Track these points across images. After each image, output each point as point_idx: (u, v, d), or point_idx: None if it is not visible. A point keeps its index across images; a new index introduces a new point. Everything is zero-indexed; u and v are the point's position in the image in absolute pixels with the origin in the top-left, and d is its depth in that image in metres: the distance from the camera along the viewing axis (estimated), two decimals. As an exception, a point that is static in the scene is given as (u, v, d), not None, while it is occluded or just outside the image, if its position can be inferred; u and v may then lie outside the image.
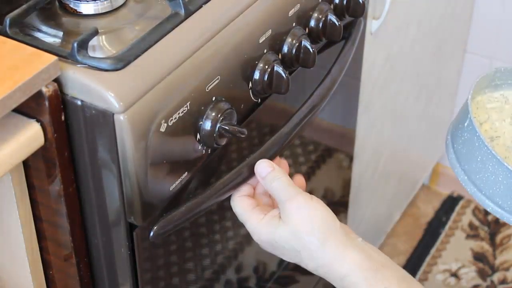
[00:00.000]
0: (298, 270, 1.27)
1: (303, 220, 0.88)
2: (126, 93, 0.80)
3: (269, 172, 0.91)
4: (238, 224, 0.99)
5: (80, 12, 0.93)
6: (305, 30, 1.05)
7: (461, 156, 0.92)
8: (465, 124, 0.92)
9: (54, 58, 0.80)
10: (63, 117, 0.83)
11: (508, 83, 1.00)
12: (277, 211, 0.91)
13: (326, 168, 1.37)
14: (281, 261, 1.31)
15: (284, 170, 0.95)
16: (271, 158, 0.95)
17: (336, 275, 0.88)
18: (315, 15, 1.06)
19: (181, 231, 1.01)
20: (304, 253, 0.89)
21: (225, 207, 1.03)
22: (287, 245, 0.89)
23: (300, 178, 0.99)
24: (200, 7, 0.92)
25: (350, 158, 1.48)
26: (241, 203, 0.93)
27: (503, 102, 1.00)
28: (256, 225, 0.91)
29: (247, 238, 1.07)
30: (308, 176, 1.30)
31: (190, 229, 1.03)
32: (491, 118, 0.98)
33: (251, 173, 0.94)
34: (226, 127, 0.91)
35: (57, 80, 0.81)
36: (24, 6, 0.89)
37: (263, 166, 0.92)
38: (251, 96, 0.98)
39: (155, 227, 0.88)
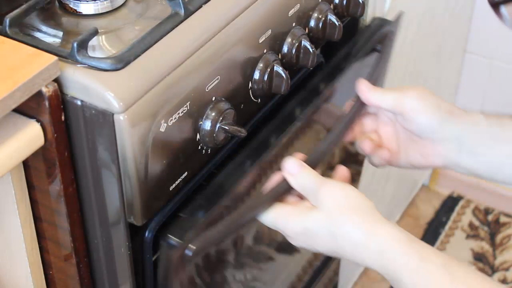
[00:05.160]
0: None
1: (336, 200, 0.85)
2: (126, 93, 0.80)
3: (299, 167, 0.88)
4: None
5: (80, 12, 0.93)
6: (305, 30, 1.05)
7: None
8: None
9: (54, 58, 0.80)
10: (63, 117, 0.83)
11: None
12: (308, 202, 0.87)
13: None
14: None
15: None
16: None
17: (373, 251, 0.83)
18: (315, 15, 1.06)
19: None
20: (340, 235, 0.84)
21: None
22: (321, 231, 0.85)
23: (342, 169, 0.94)
24: (200, 7, 0.92)
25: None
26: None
27: None
28: (287, 217, 0.86)
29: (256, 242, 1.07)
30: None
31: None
32: None
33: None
34: (226, 127, 0.91)
35: (57, 80, 0.81)
36: (24, 6, 0.89)
37: (292, 163, 0.89)
38: (251, 96, 0.98)
39: (195, 247, 0.84)
